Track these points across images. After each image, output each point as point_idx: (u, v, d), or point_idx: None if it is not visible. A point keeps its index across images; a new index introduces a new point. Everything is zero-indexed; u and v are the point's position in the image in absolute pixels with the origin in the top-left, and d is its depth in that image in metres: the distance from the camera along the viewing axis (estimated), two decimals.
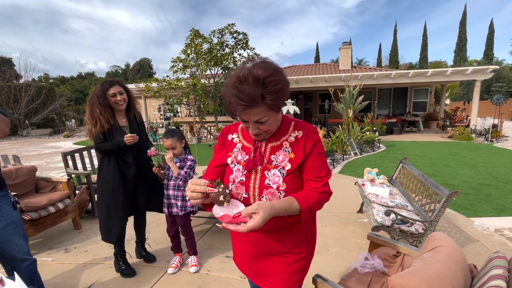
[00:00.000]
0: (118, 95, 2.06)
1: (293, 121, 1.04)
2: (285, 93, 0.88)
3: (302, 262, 1.06)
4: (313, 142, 0.98)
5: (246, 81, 0.82)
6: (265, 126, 0.91)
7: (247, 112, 0.86)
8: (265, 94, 0.83)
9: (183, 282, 2.17)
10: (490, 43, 32.67)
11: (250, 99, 0.82)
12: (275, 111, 0.89)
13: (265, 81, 0.82)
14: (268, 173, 0.97)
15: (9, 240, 1.50)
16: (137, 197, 2.27)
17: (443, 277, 0.92)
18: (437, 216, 2.07)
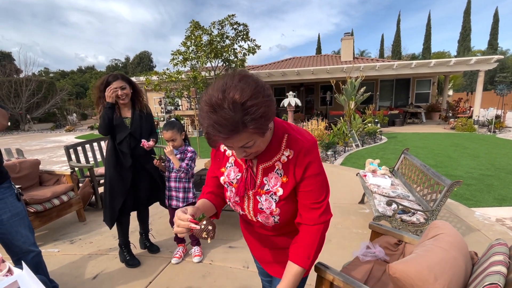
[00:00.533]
0: (120, 90, 2.06)
1: (286, 134, 0.88)
2: (270, 115, 0.75)
3: None
4: (304, 166, 0.85)
5: (221, 108, 0.69)
6: (252, 149, 0.81)
7: (228, 141, 0.76)
8: (246, 121, 0.70)
9: (187, 271, 2.21)
10: (495, 33, 32.10)
11: (229, 129, 0.70)
12: (261, 135, 0.77)
13: (244, 106, 0.69)
14: (260, 198, 0.91)
15: (15, 231, 1.53)
16: (139, 191, 2.29)
17: (444, 263, 0.93)
18: (439, 205, 2.08)
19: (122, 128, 2.13)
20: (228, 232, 2.83)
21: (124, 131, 2.13)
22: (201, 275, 2.15)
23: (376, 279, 1.31)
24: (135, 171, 2.23)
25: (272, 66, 16.04)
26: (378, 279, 1.30)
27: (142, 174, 2.27)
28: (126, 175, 2.17)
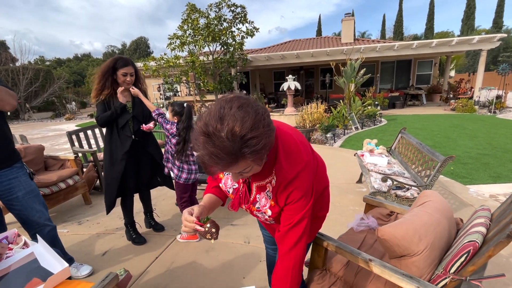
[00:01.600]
0: (129, 76, 2.08)
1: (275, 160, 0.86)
2: (269, 145, 0.74)
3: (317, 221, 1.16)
4: (286, 196, 0.87)
5: (218, 139, 0.66)
6: (248, 174, 0.81)
7: (226, 170, 0.74)
8: (246, 153, 0.68)
9: (191, 247, 2.32)
10: (500, 11, 31.18)
11: (227, 161, 0.68)
12: (259, 163, 0.77)
13: (243, 139, 0.66)
14: (254, 209, 0.98)
15: (31, 207, 1.63)
16: (140, 173, 2.35)
17: (429, 225, 1.00)
18: (432, 180, 2.15)
19: (124, 113, 2.16)
20: (229, 212, 2.93)
21: (126, 115, 2.16)
22: (205, 250, 2.26)
23: (369, 246, 1.40)
24: (137, 154, 2.28)
25: (271, 49, 15.77)
26: (370, 246, 1.39)
27: (144, 157, 2.33)
28: (121, 162, 2.18)
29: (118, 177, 2.18)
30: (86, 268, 2.03)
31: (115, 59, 2.08)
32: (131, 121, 2.20)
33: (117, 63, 2.05)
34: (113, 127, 2.16)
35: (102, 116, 2.08)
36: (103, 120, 2.09)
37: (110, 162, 2.18)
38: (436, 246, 0.98)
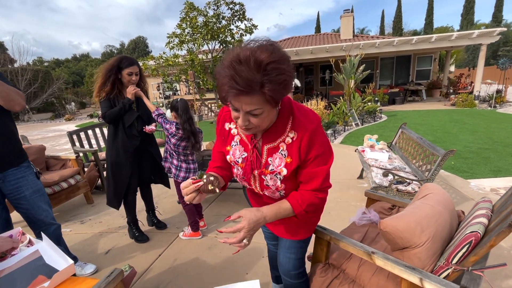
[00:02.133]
0: (134, 75, 2.09)
1: (291, 116, 0.90)
2: (288, 87, 0.77)
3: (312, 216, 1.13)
4: (308, 148, 0.88)
5: (246, 63, 0.70)
6: (257, 119, 0.80)
7: (240, 99, 0.75)
8: (265, 82, 0.71)
9: (194, 244, 2.33)
10: (500, 4, 31.07)
11: (246, 84, 0.70)
12: (272, 105, 0.78)
13: (267, 67, 0.70)
14: (265, 177, 0.96)
15: (37, 206, 1.65)
16: (142, 171, 2.37)
17: (430, 217, 1.01)
18: (433, 174, 2.16)
19: (130, 112, 2.16)
20: (231, 209, 2.95)
21: (132, 114, 2.17)
22: (207, 247, 2.28)
23: (371, 239, 1.40)
24: (139, 153, 2.29)
25: None
26: (372, 240, 1.40)
27: (145, 155, 2.34)
28: (130, 159, 2.21)
29: (129, 173, 2.21)
30: (90, 267, 2.04)
31: (120, 58, 2.07)
32: (136, 121, 2.21)
33: (122, 62, 2.05)
34: (119, 126, 2.16)
35: (110, 112, 2.07)
36: (111, 116, 2.07)
37: (117, 161, 2.19)
38: (438, 237, 0.99)
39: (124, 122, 2.15)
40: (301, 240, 1.16)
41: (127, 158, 2.19)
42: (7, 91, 1.45)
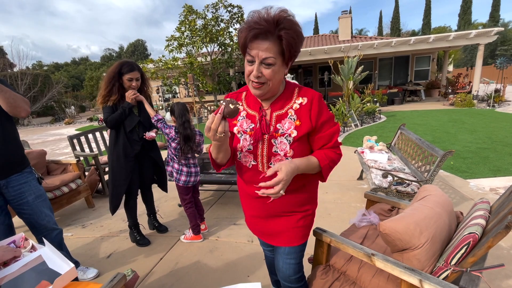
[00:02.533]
0: (135, 81, 2.10)
1: (296, 87, 1.04)
2: (298, 42, 0.89)
3: (308, 219, 1.16)
4: (317, 110, 0.98)
5: (267, 14, 0.85)
6: (269, 71, 0.89)
7: (258, 44, 0.86)
8: (281, 28, 0.84)
9: (195, 248, 2.34)
10: (497, 4, 31.21)
11: (264, 27, 0.83)
12: (284, 59, 0.90)
13: (284, 21, 0.85)
14: (275, 141, 0.99)
15: (40, 211, 1.66)
16: (143, 176, 2.38)
17: (429, 218, 1.02)
18: (432, 175, 2.17)
19: (132, 117, 2.17)
20: (232, 211, 2.96)
21: (133, 119, 2.17)
22: (209, 250, 2.28)
23: (371, 241, 1.42)
24: (140, 158, 2.30)
25: None
26: (372, 241, 1.41)
27: (146, 160, 2.35)
28: (129, 164, 2.21)
29: (128, 178, 2.22)
30: (92, 271, 2.05)
31: (120, 64, 2.08)
32: (138, 126, 2.22)
33: (123, 68, 2.06)
34: (120, 131, 2.17)
35: (111, 117, 2.09)
36: (113, 121, 2.09)
37: (118, 165, 2.20)
38: (437, 239, 1.00)
39: (126, 127, 2.16)
40: (300, 244, 1.17)
41: (127, 163, 2.20)
42: (14, 97, 1.46)
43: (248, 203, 1.20)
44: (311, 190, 1.16)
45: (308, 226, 1.17)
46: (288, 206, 1.11)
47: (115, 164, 2.20)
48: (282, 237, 1.15)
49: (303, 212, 1.13)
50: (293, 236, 1.14)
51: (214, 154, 1.02)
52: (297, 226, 1.13)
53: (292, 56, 0.92)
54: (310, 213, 1.16)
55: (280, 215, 1.13)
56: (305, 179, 1.06)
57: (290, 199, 1.10)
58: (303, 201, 1.12)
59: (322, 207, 2.86)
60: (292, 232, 1.13)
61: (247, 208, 1.23)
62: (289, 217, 1.12)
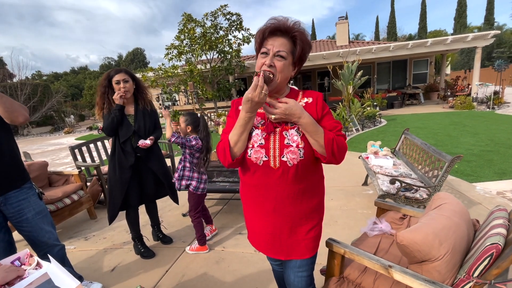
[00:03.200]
0: (122, 82, 2.07)
1: (301, 91, 1.13)
2: (307, 47, 1.02)
3: (317, 229, 1.13)
4: (322, 105, 1.07)
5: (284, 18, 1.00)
6: (280, 64, 0.99)
7: (274, 38, 0.99)
8: (295, 30, 0.98)
9: (201, 259, 2.29)
10: (491, 7, 31.62)
11: (282, 23, 0.98)
12: (293, 59, 1.02)
13: (298, 26, 1.00)
14: (287, 133, 1.02)
15: (40, 228, 1.61)
16: (144, 186, 2.31)
17: (448, 228, 0.99)
18: (441, 181, 2.15)
19: (126, 127, 2.13)
20: (237, 220, 2.92)
21: (128, 129, 2.13)
22: (215, 261, 2.24)
23: (385, 251, 1.38)
24: (139, 169, 2.24)
25: None
26: (386, 251, 1.38)
27: (146, 171, 2.27)
28: (124, 175, 2.15)
29: (123, 189, 2.16)
30: (97, 285, 2.00)
31: (108, 71, 2.11)
32: (133, 136, 2.16)
33: (111, 73, 2.08)
34: (116, 141, 2.15)
35: (105, 125, 2.08)
36: (108, 128, 2.07)
37: (114, 176, 2.16)
38: (457, 250, 0.97)
39: (120, 137, 2.12)
40: (311, 256, 1.13)
41: (122, 174, 2.14)
42: (10, 102, 1.43)
43: (252, 216, 1.17)
44: (318, 194, 1.13)
45: (317, 236, 1.14)
46: (297, 213, 1.08)
47: (111, 175, 2.18)
48: (292, 251, 1.12)
49: (312, 220, 1.10)
50: (304, 249, 1.10)
51: (235, 138, 1.03)
52: (307, 238, 1.10)
53: (301, 57, 1.04)
54: (317, 222, 1.13)
55: (289, 226, 1.09)
56: (312, 177, 1.08)
57: (298, 206, 1.07)
58: (311, 208, 1.10)
59: (328, 214, 2.82)
60: (302, 244, 1.10)
61: (252, 222, 1.19)
62: (298, 228, 1.09)
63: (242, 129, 1.00)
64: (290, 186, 1.03)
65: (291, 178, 1.02)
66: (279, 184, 1.03)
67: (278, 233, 1.11)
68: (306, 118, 0.96)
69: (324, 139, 0.96)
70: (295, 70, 1.07)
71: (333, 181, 3.77)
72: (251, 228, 1.21)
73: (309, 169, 1.04)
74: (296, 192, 1.05)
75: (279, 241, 1.12)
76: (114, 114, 2.04)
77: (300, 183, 1.03)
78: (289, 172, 1.01)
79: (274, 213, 1.08)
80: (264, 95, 0.92)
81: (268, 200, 1.07)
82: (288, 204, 1.06)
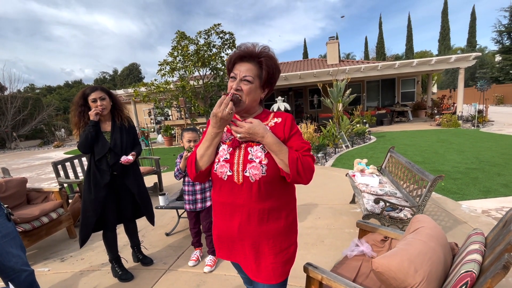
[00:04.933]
0: (99, 100, 2.05)
1: (272, 112, 1.17)
2: (275, 71, 1.08)
3: (287, 253, 1.09)
4: (290, 126, 1.09)
5: (252, 45, 1.06)
6: (247, 87, 1.04)
7: (241, 64, 1.05)
8: (261, 57, 1.05)
9: (182, 282, 2.19)
10: (473, 31, 33.38)
11: (249, 51, 1.05)
12: (260, 83, 1.07)
13: (265, 52, 1.06)
14: (251, 149, 1.05)
15: (6, 252, 1.51)
16: (121, 206, 2.23)
17: (423, 254, 0.97)
18: (424, 200, 2.14)
19: (102, 144, 2.07)
20: None
21: (103, 146, 2.07)
22: (196, 285, 2.14)
23: (365, 276, 1.34)
24: (116, 187, 2.17)
25: None
26: (366, 276, 1.34)
27: (123, 189, 2.20)
28: (99, 194, 2.07)
29: (97, 209, 2.07)
30: None
31: (83, 89, 2.09)
32: (109, 154, 2.10)
33: (86, 91, 2.06)
34: (91, 159, 2.09)
35: (80, 141, 2.03)
36: (82, 145, 2.02)
37: (89, 195, 2.08)
38: (433, 277, 0.94)
39: (95, 154, 2.07)
40: (277, 284, 1.09)
41: (97, 193, 2.06)
42: None
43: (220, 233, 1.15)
44: (287, 216, 1.10)
45: (287, 261, 1.10)
46: (262, 235, 1.05)
47: (86, 194, 2.09)
48: (259, 273, 1.08)
49: (280, 245, 1.07)
50: (270, 273, 1.07)
51: (202, 151, 1.07)
52: (275, 262, 1.06)
53: (269, 81, 1.09)
54: (288, 245, 1.10)
55: (255, 248, 1.06)
56: (279, 196, 1.07)
57: (264, 226, 1.04)
58: (279, 230, 1.07)
59: (315, 233, 2.77)
60: (269, 267, 1.06)
61: (219, 223, 1.15)
62: (264, 251, 1.06)
63: (208, 144, 1.05)
64: (254, 204, 1.02)
65: (255, 195, 1.02)
66: (244, 201, 1.03)
67: (245, 255, 1.09)
68: (269, 138, 1.00)
69: (289, 158, 0.98)
70: (265, 92, 1.13)
71: (320, 198, 3.74)
72: (216, 230, 1.18)
73: (274, 187, 1.04)
74: (262, 211, 1.04)
75: (247, 261, 1.10)
76: (89, 131, 2.00)
77: (265, 201, 1.03)
78: (252, 188, 1.01)
79: (239, 233, 1.06)
80: (229, 113, 0.96)
81: (233, 219, 1.06)
82: (253, 223, 1.04)
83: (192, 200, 2.34)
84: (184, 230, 3.13)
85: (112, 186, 2.14)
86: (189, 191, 2.34)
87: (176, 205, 2.87)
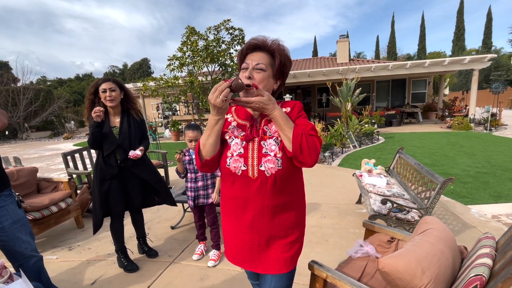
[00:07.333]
0: (108, 91, 2.06)
1: (280, 102, 1.15)
2: (287, 61, 1.07)
3: (296, 244, 1.10)
4: (298, 112, 1.10)
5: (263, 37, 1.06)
6: (260, 75, 1.02)
7: (252, 54, 1.05)
8: (274, 46, 1.04)
9: (185, 275, 2.22)
10: (488, 32, 32.43)
11: (261, 41, 1.04)
12: (273, 72, 1.06)
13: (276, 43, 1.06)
14: (265, 143, 1.04)
15: (16, 237, 1.55)
16: (130, 197, 2.27)
17: (432, 256, 0.95)
18: (432, 203, 2.11)
19: (110, 139, 2.10)
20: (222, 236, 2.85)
21: (112, 142, 2.10)
22: (200, 279, 2.16)
23: (370, 276, 1.33)
24: (124, 179, 2.20)
25: None
26: (371, 276, 1.32)
27: (131, 180, 2.23)
28: (104, 187, 2.12)
29: (103, 202, 2.14)
30: None
31: (97, 79, 2.12)
32: (117, 150, 2.13)
33: (98, 82, 2.09)
34: (99, 153, 2.14)
35: (88, 139, 2.09)
36: (90, 143, 2.09)
37: (96, 187, 2.15)
38: (441, 279, 0.93)
39: (103, 150, 2.11)
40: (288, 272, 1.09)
41: (102, 186, 2.12)
42: None
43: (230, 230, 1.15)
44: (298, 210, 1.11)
45: (296, 252, 1.11)
46: (275, 229, 1.06)
47: (95, 185, 2.15)
48: (269, 264, 1.09)
49: (290, 237, 1.08)
50: (281, 263, 1.07)
51: (203, 141, 1.05)
52: (285, 252, 1.07)
53: (281, 69, 1.07)
54: (297, 237, 1.10)
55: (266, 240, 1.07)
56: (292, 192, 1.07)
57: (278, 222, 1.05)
58: (290, 224, 1.08)
59: (320, 232, 2.76)
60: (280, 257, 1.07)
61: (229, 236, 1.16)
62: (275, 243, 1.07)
63: (209, 132, 1.03)
64: (268, 199, 1.02)
65: (270, 190, 1.01)
66: (258, 197, 1.02)
67: (256, 247, 1.09)
68: (278, 110, 0.98)
69: (293, 132, 0.96)
70: (277, 83, 1.12)
71: (326, 198, 3.72)
72: (228, 242, 1.18)
73: (288, 181, 1.04)
74: (275, 206, 1.03)
75: (256, 254, 1.10)
76: (93, 130, 2.04)
77: (279, 196, 1.03)
78: (267, 182, 1.00)
79: (251, 227, 1.06)
80: (222, 100, 0.91)
81: (246, 213, 1.06)
82: (266, 218, 1.04)
83: (194, 196, 2.34)
84: (189, 224, 3.16)
85: (120, 178, 2.18)
86: (191, 187, 2.34)
87: (182, 199, 2.90)
